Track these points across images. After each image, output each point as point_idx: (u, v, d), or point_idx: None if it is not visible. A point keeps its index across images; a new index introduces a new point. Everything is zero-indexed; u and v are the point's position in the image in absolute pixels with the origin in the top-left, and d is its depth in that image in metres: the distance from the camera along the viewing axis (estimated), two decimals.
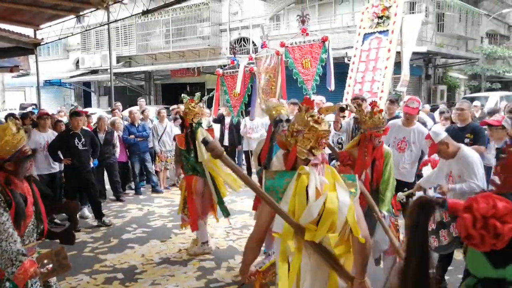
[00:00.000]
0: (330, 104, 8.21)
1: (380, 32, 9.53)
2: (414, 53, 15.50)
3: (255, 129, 9.59)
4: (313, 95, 6.88)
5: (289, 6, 19.67)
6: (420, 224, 1.72)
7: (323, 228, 2.30)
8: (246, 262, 2.62)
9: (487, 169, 5.74)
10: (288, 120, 4.44)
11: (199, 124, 5.61)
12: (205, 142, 2.29)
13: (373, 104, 4.05)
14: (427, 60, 18.72)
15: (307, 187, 2.33)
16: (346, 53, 15.34)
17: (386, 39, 9.39)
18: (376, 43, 9.58)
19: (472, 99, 13.14)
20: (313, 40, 6.79)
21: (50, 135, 7.53)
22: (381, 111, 4.04)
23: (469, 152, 4.22)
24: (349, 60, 13.41)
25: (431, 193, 4.74)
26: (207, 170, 5.55)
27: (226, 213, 5.83)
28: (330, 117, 6.71)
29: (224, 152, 2.33)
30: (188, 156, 5.61)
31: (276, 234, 2.44)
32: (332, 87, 6.82)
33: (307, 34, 6.91)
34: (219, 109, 10.37)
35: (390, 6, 9.39)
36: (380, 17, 9.49)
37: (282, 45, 7.02)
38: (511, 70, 22.88)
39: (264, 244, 4.00)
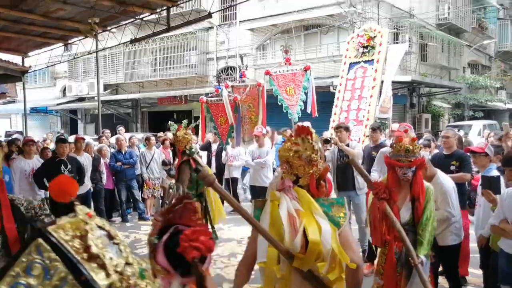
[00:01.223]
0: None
1: (366, 62, 9.74)
2: (398, 82, 15.87)
3: (237, 157, 9.61)
4: (299, 121, 7.01)
5: (275, 36, 20.02)
6: None
7: (310, 258, 2.28)
8: (237, 286, 2.60)
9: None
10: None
11: (192, 151, 5.62)
12: (197, 170, 2.32)
13: (405, 131, 3.84)
14: (411, 89, 19.09)
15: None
16: (332, 82, 15.59)
17: (371, 68, 9.59)
18: (361, 72, 9.78)
19: (456, 127, 13.38)
20: (296, 69, 7.01)
21: (35, 161, 7.46)
22: (414, 139, 3.66)
23: (444, 180, 4.30)
24: (334, 89, 13.65)
25: None
26: (211, 194, 5.52)
27: (215, 236, 5.83)
28: None
29: (216, 180, 2.34)
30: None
31: (261, 263, 2.42)
32: (315, 113, 6.96)
33: (290, 64, 7.11)
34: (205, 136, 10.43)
35: (375, 36, 9.63)
36: (365, 47, 9.71)
37: (267, 73, 7.19)
38: (493, 99, 23.41)
39: None
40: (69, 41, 12.72)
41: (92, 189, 8.32)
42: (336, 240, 2.34)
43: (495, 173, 4.61)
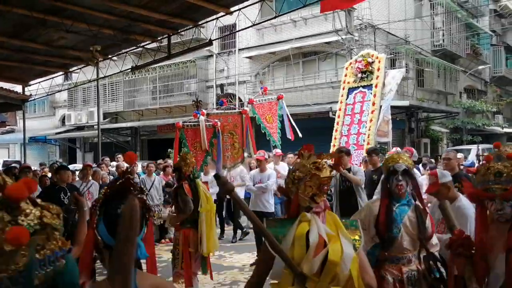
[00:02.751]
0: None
1: (364, 87, 9.84)
2: (397, 107, 15.98)
3: (210, 183, 9.55)
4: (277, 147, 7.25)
5: (274, 64, 20.25)
6: None
7: (325, 279, 2.23)
8: None
9: None
10: (406, 172, 3.25)
11: (195, 175, 5.63)
12: (217, 176, 2.31)
13: (496, 144, 3.02)
14: (410, 114, 19.21)
15: (307, 234, 2.30)
16: (331, 107, 15.72)
17: (370, 93, 9.69)
18: (360, 97, 9.87)
19: (456, 151, 13.37)
20: (271, 98, 7.27)
21: None
22: (510, 155, 2.47)
23: (468, 204, 3.81)
24: (333, 115, 13.75)
25: None
26: (203, 220, 5.47)
27: (205, 269, 5.72)
28: None
29: (235, 189, 2.32)
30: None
31: (274, 284, 2.38)
32: (293, 137, 7.17)
33: (266, 94, 7.42)
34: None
35: (373, 62, 9.76)
36: (363, 72, 9.83)
37: (251, 101, 7.40)
38: (490, 123, 23.58)
39: None
40: (70, 70, 12.84)
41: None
42: (357, 268, 2.30)
43: None
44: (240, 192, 9.45)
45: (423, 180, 7.32)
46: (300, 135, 7.40)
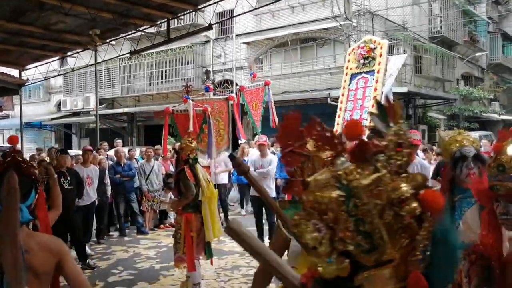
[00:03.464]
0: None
1: (367, 73, 9.78)
2: (395, 94, 15.96)
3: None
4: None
5: (271, 49, 20.14)
6: None
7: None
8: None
9: None
10: (477, 156, 2.72)
11: (196, 160, 5.58)
12: (232, 157, 2.28)
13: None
14: (407, 101, 19.20)
15: None
16: (329, 94, 15.68)
17: (372, 78, 9.64)
18: (362, 82, 9.82)
19: None
20: (259, 84, 7.25)
21: None
22: None
23: None
24: (332, 101, 13.71)
25: None
26: (206, 207, 5.45)
27: (210, 254, 5.71)
28: None
29: (250, 170, 2.28)
30: None
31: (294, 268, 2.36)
32: (274, 125, 7.18)
33: (255, 79, 7.45)
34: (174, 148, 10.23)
35: (375, 48, 9.70)
36: (366, 58, 9.77)
37: (242, 88, 7.38)
38: (486, 110, 23.66)
39: None
40: (68, 54, 12.70)
41: (97, 202, 8.20)
42: None
43: None
44: (224, 177, 10.33)
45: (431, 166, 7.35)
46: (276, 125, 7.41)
